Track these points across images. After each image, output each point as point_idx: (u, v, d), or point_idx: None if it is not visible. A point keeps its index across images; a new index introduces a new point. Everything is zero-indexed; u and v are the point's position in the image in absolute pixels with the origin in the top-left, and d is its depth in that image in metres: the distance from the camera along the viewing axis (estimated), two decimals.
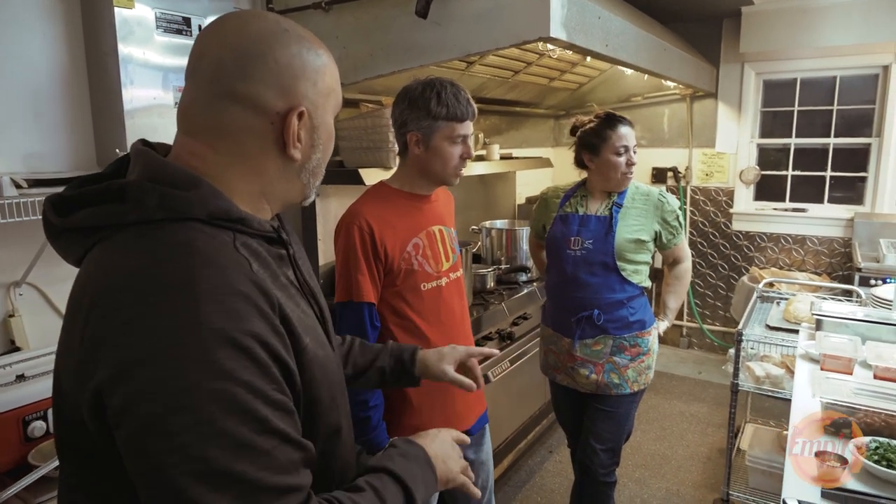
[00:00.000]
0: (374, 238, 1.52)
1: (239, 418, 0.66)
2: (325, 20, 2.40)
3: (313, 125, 0.82)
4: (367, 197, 1.64)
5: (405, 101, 1.56)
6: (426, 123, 1.54)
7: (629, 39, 2.58)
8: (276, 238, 0.84)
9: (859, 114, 4.11)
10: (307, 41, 0.82)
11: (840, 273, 4.13)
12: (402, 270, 1.56)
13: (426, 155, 1.57)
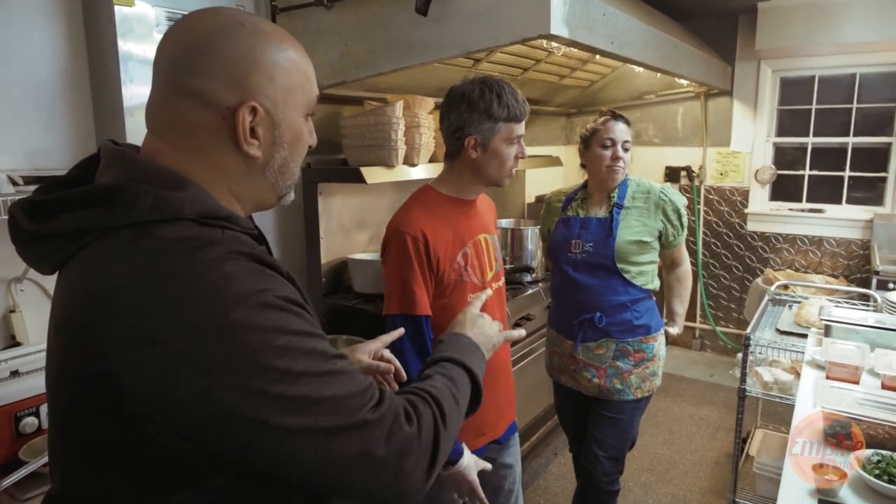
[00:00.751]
0: (427, 248, 1.48)
1: (311, 358, 0.71)
2: (328, 17, 2.39)
3: (273, 121, 0.80)
4: (416, 204, 1.57)
5: (463, 104, 1.49)
6: (487, 126, 1.49)
7: (636, 36, 2.53)
8: (258, 236, 0.84)
9: (880, 112, 4.00)
10: (267, 35, 0.79)
11: (858, 276, 4.03)
12: (453, 281, 1.53)
13: (483, 158, 1.53)
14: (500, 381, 1.68)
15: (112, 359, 0.67)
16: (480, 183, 1.61)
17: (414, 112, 2.61)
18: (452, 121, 1.52)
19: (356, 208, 2.80)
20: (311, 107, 0.86)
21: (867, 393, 1.53)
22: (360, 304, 2.56)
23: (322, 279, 2.62)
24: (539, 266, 3.01)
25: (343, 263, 2.68)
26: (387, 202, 3.02)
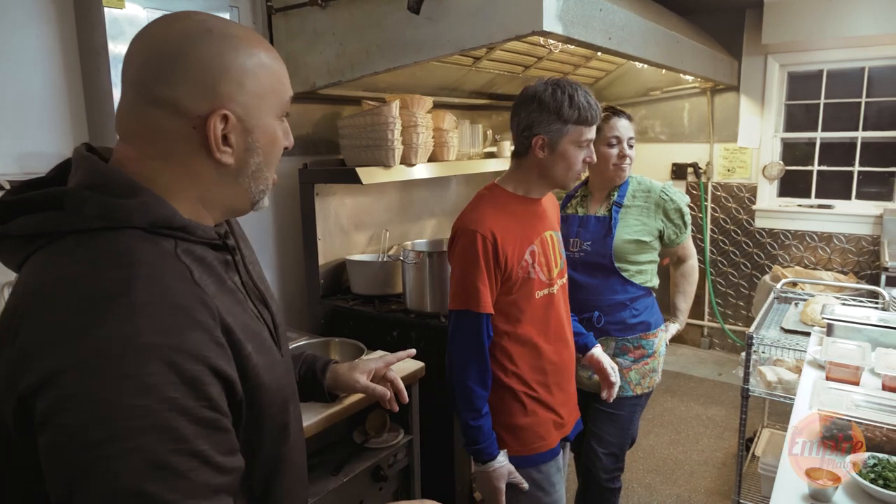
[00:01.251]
0: (496, 247, 1.49)
1: (158, 437, 0.65)
2: (323, 17, 2.38)
3: (246, 128, 0.79)
4: (484, 202, 1.59)
5: (534, 103, 1.50)
6: (556, 127, 1.49)
7: (635, 32, 2.49)
8: (221, 245, 0.83)
9: (890, 106, 3.93)
10: (236, 40, 0.78)
11: (868, 272, 3.96)
12: (520, 279, 1.54)
13: (550, 159, 1.53)
14: (572, 372, 1.72)
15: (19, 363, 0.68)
16: (546, 184, 1.61)
17: (411, 112, 2.60)
18: (522, 119, 1.52)
19: (354, 209, 2.79)
20: (285, 109, 0.85)
21: (866, 394, 1.49)
22: (358, 306, 2.55)
23: (320, 280, 2.61)
24: None
25: (341, 264, 2.68)
26: (386, 202, 3.01)
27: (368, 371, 1.25)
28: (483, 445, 1.53)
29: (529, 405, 1.60)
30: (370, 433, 2.08)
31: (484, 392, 1.55)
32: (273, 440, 0.87)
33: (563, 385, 1.66)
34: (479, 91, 3.55)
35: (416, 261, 2.36)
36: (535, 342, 1.59)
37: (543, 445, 1.62)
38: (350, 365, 1.26)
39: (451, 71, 3.07)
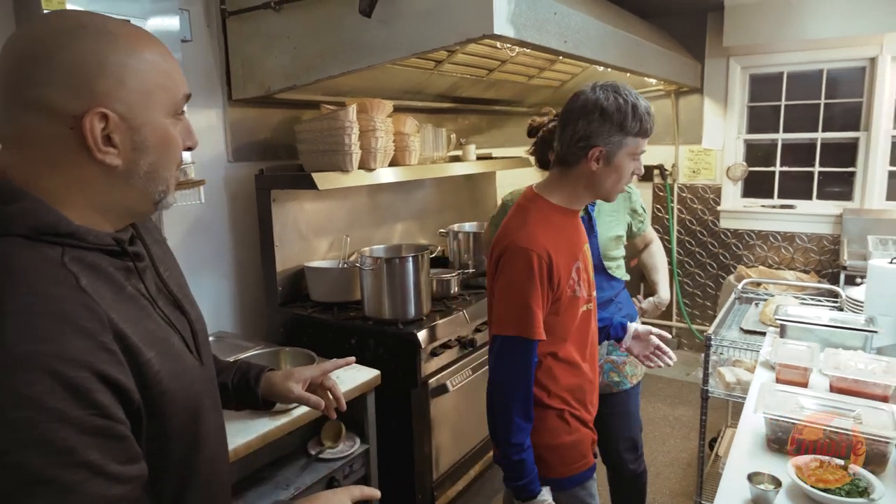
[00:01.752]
0: (551, 268, 1.40)
1: (41, 450, 0.63)
2: (278, 20, 2.34)
3: (131, 126, 0.76)
4: (531, 216, 1.46)
5: (595, 112, 1.37)
6: (616, 139, 1.38)
7: (592, 35, 2.49)
8: (119, 251, 0.81)
9: (847, 108, 4.00)
10: (114, 37, 0.75)
11: (829, 271, 4.02)
12: (567, 298, 1.46)
13: (604, 171, 1.42)
14: (597, 389, 1.65)
15: None
16: (592, 195, 1.50)
17: (370, 116, 2.57)
18: (579, 129, 1.39)
19: (314, 214, 2.75)
20: (178, 106, 0.82)
21: (813, 396, 1.49)
22: (316, 313, 2.52)
23: (278, 288, 2.57)
24: None
25: (300, 271, 2.64)
26: (348, 207, 2.97)
27: (304, 380, 1.21)
28: (526, 481, 1.43)
29: (573, 423, 1.53)
30: (325, 443, 2.05)
31: (528, 425, 1.45)
32: (183, 450, 0.84)
33: (594, 402, 1.61)
34: (443, 94, 3.53)
35: (372, 267, 2.33)
36: (576, 360, 1.52)
37: (586, 463, 1.57)
38: (285, 373, 1.22)
39: (413, 74, 3.05)
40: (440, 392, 2.38)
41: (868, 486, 1.19)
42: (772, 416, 1.38)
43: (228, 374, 1.19)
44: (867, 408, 1.41)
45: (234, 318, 2.63)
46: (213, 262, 2.54)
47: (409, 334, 2.25)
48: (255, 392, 1.18)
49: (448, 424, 2.47)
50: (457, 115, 3.95)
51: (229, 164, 2.59)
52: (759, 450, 1.41)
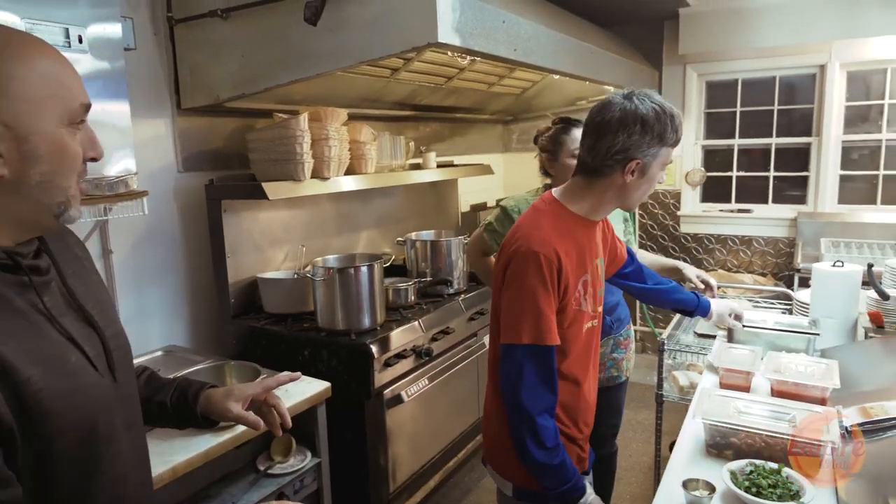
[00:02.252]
0: (560, 273, 1.33)
1: None
2: (225, 28, 2.31)
3: (17, 136, 0.74)
4: (546, 220, 1.39)
5: (637, 124, 1.29)
6: (654, 150, 1.32)
7: (543, 43, 2.51)
8: (11, 265, 0.79)
9: (800, 113, 4.10)
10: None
11: (785, 274, 4.10)
12: (573, 311, 1.38)
13: (637, 182, 1.35)
14: (593, 409, 1.57)
15: None
16: (617, 205, 1.42)
17: (323, 124, 2.55)
18: (619, 141, 1.31)
19: (268, 224, 2.71)
20: (75, 116, 0.80)
21: (752, 400, 1.51)
22: (269, 325, 2.48)
23: (231, 300, 2.52)
24: (461, 277, 2.96)
25: (254, 283, 2.59)
26: (306, 216, 2.94)
27: (245, 398, 1.17)
28: (573, 482, 1.35)
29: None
30: (275, 458, 2.02)
31: (556, 425, 1.37)
32: (75, 472, 0.81)
33: (588, 422, 1.53)
34: (402, 102, 3.52)
35: (324, 277, 2.30)
36: (577, 379, 1.45)
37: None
38: (226, 391, 1.19)
39: (369, 82, 3.03)
40: (395, 402, 2.36)
41: (800, 490, 1.20)
42: (710, 422, 1.38)
43: (167, 392, 1.15)
44: (803, 411, 1.42)
45: (185, 332, 2.58)
46: (162, 275, 2.48)
47: (362, 345, 2.23)
48: (193, 410, 1.15)
49: (405, 435, 2.45)
50: (418, 122, 3.94)
51: (179, 175, 2.54)
52: (698, 455, 1.42)
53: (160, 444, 1.65)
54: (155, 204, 2.44)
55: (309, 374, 2.17)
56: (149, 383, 1.16)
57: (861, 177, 3.99)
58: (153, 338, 2.46)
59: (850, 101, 3.94)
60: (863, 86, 3.93)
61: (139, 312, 2.40)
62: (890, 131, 3.87)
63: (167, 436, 1.68)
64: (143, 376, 1.17)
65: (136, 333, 2.37)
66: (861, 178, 3.99)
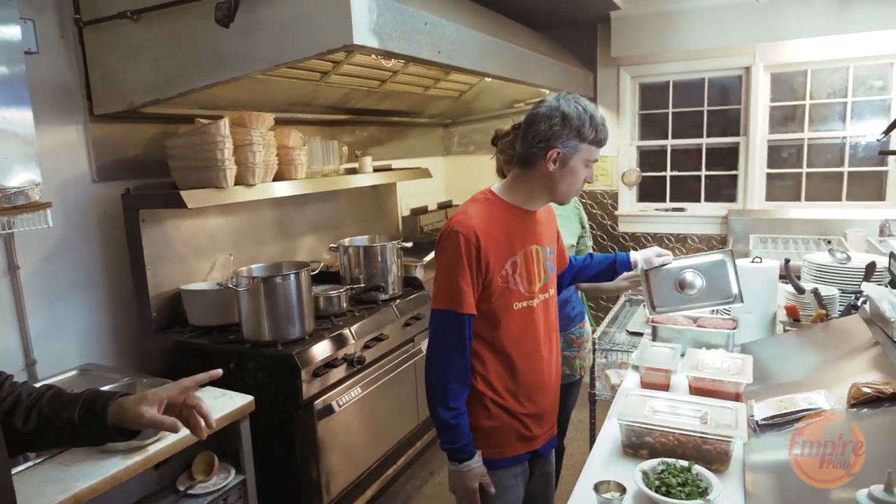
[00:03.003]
0: (479, 250, 1.49)
1: None
2: (136, 31, 2.22)
3: None
4: (476, 206, 1.58)
5: (557, 117, 1.48)
6: (572, 143, 1.49)
7: (469, 45, 2.50)
8: None
9: (728, 114, 4.22)
10: None
11: None
12: (499, 287, 1.54)
13: (559, 173, 1.52)
14: (546, 387, 1.67)
15: None
16: (547, 196, 1.60)
17: (247, 129, 2.47)
18: (540, 131, 1.50)
19: (192, 234, 2.61)
20: None
21: (668, 399, 1.52)
22: (194, 338, 2.39)
23: (153, 313, 2.42)
24: (396, 283, 2.92)
25: (177, 294, 2.49)
26: (234, 225, 2.85)
27: (160, 401, 1.09)
28: (462, 444, 1.52)
29: (493, 410, 1.59)
30: (196, 477, 1.94)
31: (464, 390, 1.54)
32: None
33: (535, 399, 1.63)
34: (335, 106, 3.46)
35: (248, 287, 2.23)
36: (508, 352, 1.58)
37: (499, 453, 1.60)
38: (139, 396, 1.10)
39: (297, 86, 2.97)
40: (327, 413, 2.30)
41: (708, 486, 1.21)
42: (625, 422, 1.39)
43: (74, 408, 1.07)
44: (715, 407, 1.44)
45: (104, 349, 2.46)
46: (77, 290, 2.36)
47: (288, 356, 2.17)
48: (103, 422, 1.06)
49: (338, 446, 2.39)
50: (354, 126, 3.89)
51: (94, 184, 2.42)
52: (615, 456, 1.43)
53: (62, 469, 1.56)
54: (67, 215, 2.33)
55: (235, 388, 2.10)
56: (53, 402, 1.08)
57: (787, 175, 4.14)
58: (69, 356, 2.33)
59: (775, 102, 4.09)
60: (787, 87, 4.08)
61: (52, 329, 2.28)
62: (811, 130, 4.02)
63: (70, 461, 1.59)
64: (46, 395, 1.10)
65: (48, 352, 2.27)
66: (787, 175, 4.15)
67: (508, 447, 1.61)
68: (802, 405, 1.44)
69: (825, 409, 1.41)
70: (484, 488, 1.56)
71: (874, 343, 1.71)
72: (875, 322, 1.74)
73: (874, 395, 1.37)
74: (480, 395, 1.57)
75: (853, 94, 3.89)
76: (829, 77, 3.96)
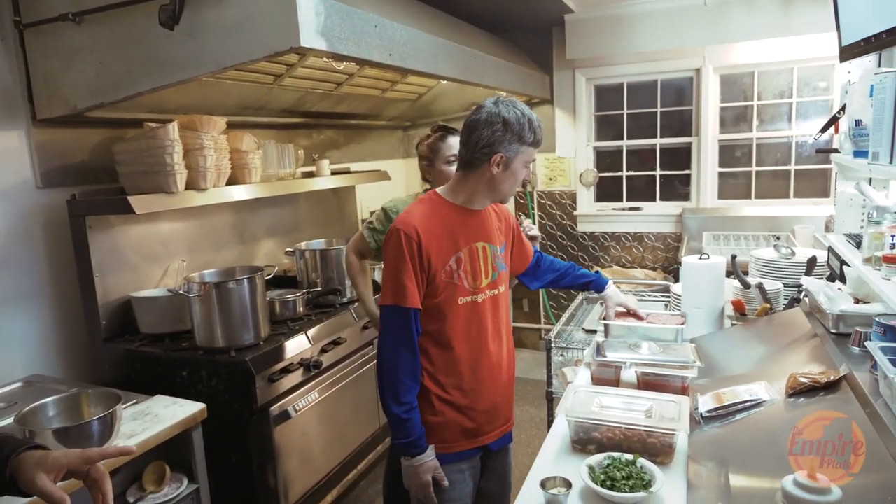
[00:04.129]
0: (420, 247, 1.55)
1: None
2: (79, 33, 2.16)
3: None
4: (420, 206, 1.65)
5: (499, 123, 1.56)
6: (514, 147, 1.58)
7: (422, 48, 2.51)
8: None
9: (680, 115, 4.32)
10: None
11: (673, 267, 4.31)
12: (443, 283, 1.59)
13: (502, 175, 1.61)
14: (495, 383, 1.70)
15: None
16: (491, 196, 1.67)
17: (197, 133, 2.43)
18: (484, 137, 1.57)
19: (142, 240, 2.56)
20: None
21: (614, 395, 1.55)
22: (145, 346, 2.34)
23: (102, 322, 2.36)
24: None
25: (127, 302, 2.44)
26: (186, 230, 2.80)
27: (59, 468, 0.99)
28: (414, 438, 1.55)
29: (438, 406, 1.62)
30: (147, 488, 1.90)
31: (415, 385, 1.58)
32: None
33: (481, 393, 1.67)
34: (290, 109, 3.43)
35: (199, 293, 2.19)
36: (453, 346, 1.61)
37: (444, 448, 1.63)
38: (40, 457, 1.00)
39: (249, 89, 2.93)
40: (283, 419, 2.28)
41: (651, 479, 1.24)
42: (573, 418, 1.41)
43: None
44: (660, 401, 1.48)
45: (53, 359, 2.39)
46: (21, 299, 2.29)
47: (241, 362, 2.14)
48: (2, 476, 0.98)
49: (295, 452, 2.37)
50: (310, 130, 3.86)
51: (38, 191, 2.35)
52: (563, 452, 1.45)
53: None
54: (10, 223, 2.26)
55: (188, 396, 2.07)
56: None
57: (738, 173, 4.26)
58: (14, 368, 2.26)
59: (725, 103, 4.20)
60: (736, 88, 4.19)
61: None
62: (760, 130, 4.15)
63: None
64: None
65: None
66: (738, 174, 4.26)
67: (454, 443, 1.64)
68: (744, 397, 1.48)
69: (765, 399, 1.46)
70: (437, 482, 1.58)
71: (813, 335, 1.77)
72: (813, 314, 1.81)
73: (810, 384, 1.42)
74: (426, 390, 1.61)
75: (798, 94, 4.03)
76: (775, 78, 4.09)
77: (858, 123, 1.74)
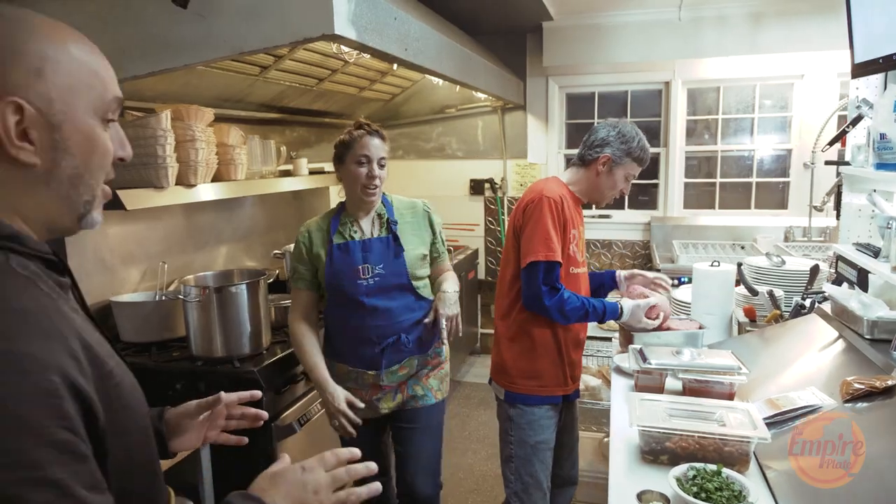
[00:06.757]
0: (563, 211, 1.87)
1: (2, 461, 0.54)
2: (60, 8, 1.93)
3: (49, 123, 0.69)
4: (552, 182, 1.98)
5: (616, 130, 1.95)
6: (621, 155, 1.93)
7: (430, 45, 2.42)
8: (55, 262, 0.74)
9: (649, 126, 4.42)
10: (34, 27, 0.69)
11: None
12: (567, 250, 1.90)
13: (605, 177, 1.95)
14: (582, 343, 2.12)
15: None
16: (589, 195, 2.02)
17: (187, 124, 2.25)
18: (602, 136, 1.96)
19: (120, 240, 2.33)
20: (107, 110, 0.76)
21: (672, 402, 1.52)
22: (130, 357, 2.12)
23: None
24: None
25: (106, 307, 2.21)
26: (163, 230, 2.58)
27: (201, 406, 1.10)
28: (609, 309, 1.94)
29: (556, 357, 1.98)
30: None
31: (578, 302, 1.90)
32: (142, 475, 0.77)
33: (578, 350, 2.08)
34: (268, 104, 3.25)
35: (198, 298, 2.01)
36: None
37: (545, 391, 1.98)
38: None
39: (234, 80, 2.75)
40: (287, 433, 2.12)
41: (742, 490, 1.21)
42: (645, 428, 1.36)
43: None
44: (725, 409, 1.45)
45: None
46: None
47: (248, 373, 1.97)
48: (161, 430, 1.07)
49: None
50: (284, 126, 3.69)
51: None
52: (634, 463, 1.40)
53: None
54: None
55: None
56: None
57: (703, 184, 4.40)
58: None
59: (691, 116, 4.34)
60: (701, 102, 4.34)
61: None
62: (723, 143, 4.31)
63: None
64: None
65: None
66: (703, 185, 4.41)
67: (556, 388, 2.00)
68: (800, 402, 1.48)
69: (822, 405, 1.47)
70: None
71: (837, 340, 1.81)
72: (838, 320, 1.85)
73: (867, 389, 1.44)
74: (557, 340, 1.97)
75: (759, 110, 4.21)
76: (738, 94, 4.26)
77: (883, 137, 1.79)
